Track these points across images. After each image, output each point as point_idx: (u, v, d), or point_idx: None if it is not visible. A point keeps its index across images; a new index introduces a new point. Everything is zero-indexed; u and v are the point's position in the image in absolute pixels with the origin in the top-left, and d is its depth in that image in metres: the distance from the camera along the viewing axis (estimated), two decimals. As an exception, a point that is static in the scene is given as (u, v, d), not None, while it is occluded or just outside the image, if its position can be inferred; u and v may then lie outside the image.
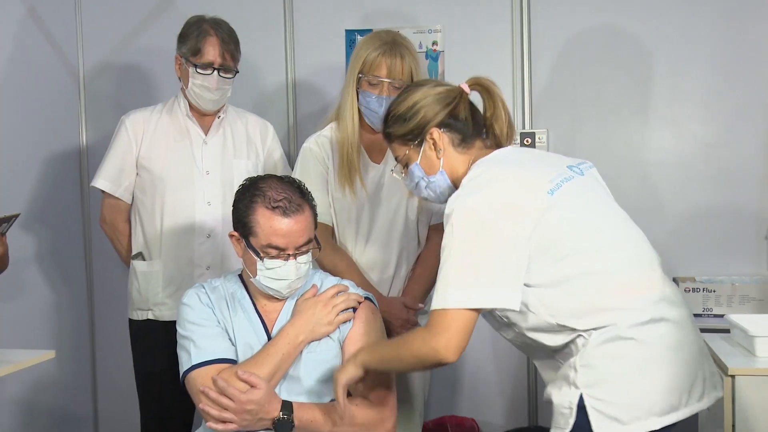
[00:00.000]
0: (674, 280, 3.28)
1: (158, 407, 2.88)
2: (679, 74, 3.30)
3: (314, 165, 2.71)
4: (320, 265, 2.69)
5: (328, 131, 2.74)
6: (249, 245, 2.08)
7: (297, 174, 2.69)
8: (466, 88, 2.00)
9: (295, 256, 2.07)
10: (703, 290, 3.18)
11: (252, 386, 1.98)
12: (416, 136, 1.97)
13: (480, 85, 2.00)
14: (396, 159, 2.08)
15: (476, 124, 2.00)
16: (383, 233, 2.69)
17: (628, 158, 3.36)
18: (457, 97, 1.98)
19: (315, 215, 2.14)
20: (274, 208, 2.05)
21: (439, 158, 1.96)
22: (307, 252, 2.10)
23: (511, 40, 3.43)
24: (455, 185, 1.95)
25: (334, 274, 2.57)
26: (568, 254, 1.79)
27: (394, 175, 2.15)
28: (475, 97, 2.06)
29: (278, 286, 2.09)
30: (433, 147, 1.96)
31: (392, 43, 2.60)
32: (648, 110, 3.34)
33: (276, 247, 2.05)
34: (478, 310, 1.78)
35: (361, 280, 2.61)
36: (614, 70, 3.36)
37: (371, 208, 2.69)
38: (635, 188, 3.33)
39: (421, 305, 2.63)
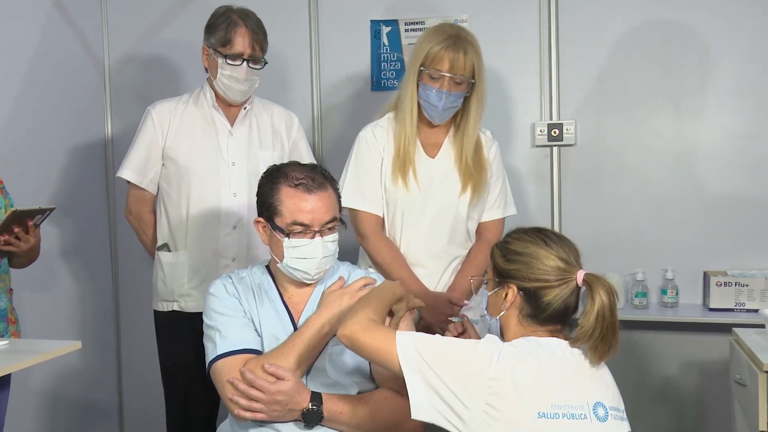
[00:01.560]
0: (705, 274, 3.24)
1: (183, 398, 2.88)
2: (710, 64, 3.25)
3: (368, 154, 2.69)
4: (369, 256, 2.68)
5: (386, 121, 2.73)
6: (275, 226, 2.07)
7: (351, 162, 2.70)
8: (579, 278, 1.84)
9: (321, 233, 2.06)
10: (735, 284, 3.12)
11: (279, 379, 1.96)
12: (502, 277, 1.89)
13: (589, 284, 1.83)
14: (484, 274, 2.02)
15: (559, 317, 1.86)
16: (433, 228, 2.68)
17: (658, 149, 3.31)
18: (560, 280, 1.83)
19: (338, 197, 2.14)
20: (297, 185, 2.06)
21: (501, 310, 1.89)
22: (333, 231, 2.10)
23: (538, 30, 3.39)
24: (502, 337, 1.89)
25: (380, 266, 2.58)
26: None
27: (471, 281, 2.11)
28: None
29: (306, 266, 2.08)
30: (504, 297, 1.88)
31: (456, 37, 2.56)
32: (678, 101, 3.29)
33: (301, 224, 2.05)
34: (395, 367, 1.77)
35: (407, 274, 2.60)
36: (643, 60, 3.31)
37: (422, 202, 2.67)
38: (665, 180, 3.29)
39: (466, 301, 2.60)
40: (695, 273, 3.29)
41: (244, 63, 2.77)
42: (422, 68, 2.59)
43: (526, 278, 1.84)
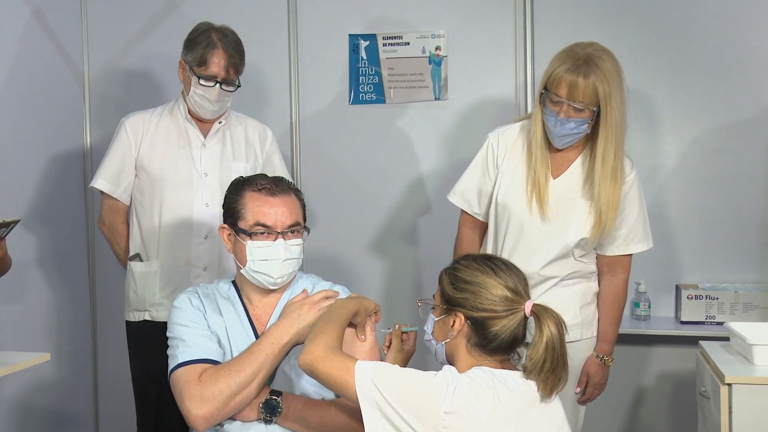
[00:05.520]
0: (677, 287, 3.26)
1: (155, 408, 2.88)
2: (682, 79, 3.29)
3: (482, 158, 2.66)
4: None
5: (517, 129, 2.65)
6: (238, 230, 2.10)
7: (476, 157, 2.69)
8: (527, 309, 1.82)
9: (283, 236, 2.09)
10: (706, 297, 3.15)
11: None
12: (450, 305, 1.87)
13: (537, 315, 1.82)
14: (433, 296, 1.97)
15: (507, 347, 1.86)
16: (532, 248, 2.57)
17: (632, 164, 3.34)
18: (508, 311, 1.82)
19: (303, 206, 2.17)
20: (260, 189, 2.11)
21: (448, 337, 1.87)
22: (296, 236, 2.12)
23: (514, 44, 3.42)
24: (449, 362, 1.88)
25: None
26: None
27: (418, 305, 2.09)
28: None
29: (268, 269, 2.10)
30: (452, 326, 1.86)
31: (582, 60, 2.40)
32: (651, 115, 3.32)
33: (264, 225, 2.08)
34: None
35: None
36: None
37: (530, 220, 2.58)
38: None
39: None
40: (668, 286, 3.32)
41: (217, 85, 2.79)
42: (543, 91, 2.46)
43: (474, 308, 1.83)
